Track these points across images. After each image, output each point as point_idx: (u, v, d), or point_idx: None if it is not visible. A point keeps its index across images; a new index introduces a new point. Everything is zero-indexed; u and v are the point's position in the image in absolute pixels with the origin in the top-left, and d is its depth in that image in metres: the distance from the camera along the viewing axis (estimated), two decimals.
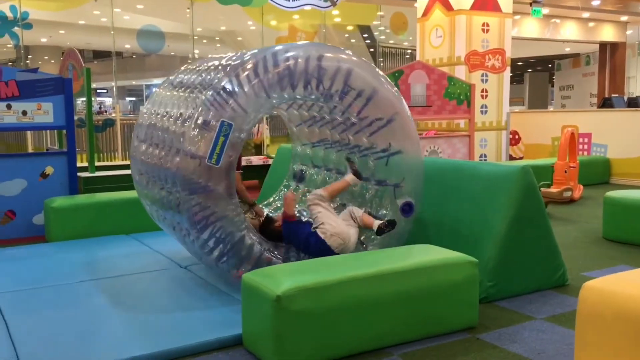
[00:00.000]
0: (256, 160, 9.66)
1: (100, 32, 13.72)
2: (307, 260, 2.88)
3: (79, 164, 5.61)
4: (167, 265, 3.89)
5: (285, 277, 2.49)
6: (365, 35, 15.17)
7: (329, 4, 9.11)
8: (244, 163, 9.26)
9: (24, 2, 7.81)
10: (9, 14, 7.62)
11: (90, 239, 4.73)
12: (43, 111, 5.23)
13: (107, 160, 10.07)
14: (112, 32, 9.53)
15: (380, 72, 3.32)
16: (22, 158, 5.38)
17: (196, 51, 14.13)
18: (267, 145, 11.23)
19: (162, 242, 4.48)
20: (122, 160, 10.03)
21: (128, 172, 7.48)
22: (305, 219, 3.58)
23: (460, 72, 8.29)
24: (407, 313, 2.65)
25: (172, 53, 22.75)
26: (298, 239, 3.32)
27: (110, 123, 7.53)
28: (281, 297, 2.34)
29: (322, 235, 3.21)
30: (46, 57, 19.30)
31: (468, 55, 8.41)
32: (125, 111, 28.42)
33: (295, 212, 3.56)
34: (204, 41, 17.22)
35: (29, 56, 13.80)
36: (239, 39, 16.24)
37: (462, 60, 8.38)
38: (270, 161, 9.36)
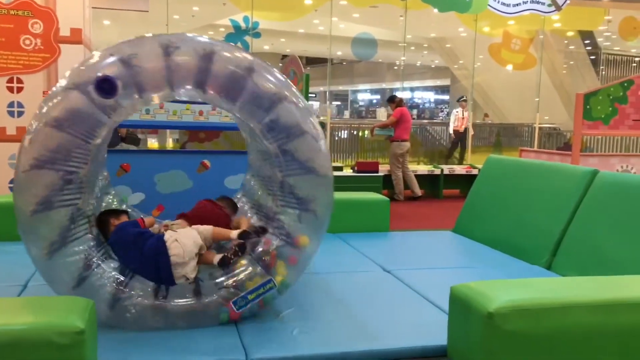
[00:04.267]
0: (459, 169, 9.49)
1: (316, 40, 14.60)
2: (527, 279, 2.71)
3: None
4: (371, 267, 3.97)
5: (500, 292, 2.38)
6: (587, 42, 14.02)
7: (553, 8, 8.59)
8: (446, 172, 9.17)
9: (255, 13, 8.60)
10: (242, 24, 8.46)
11: None
12: None
13: None
14: (330, 40, 10.05)
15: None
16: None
17: (403, 58, 14.31)
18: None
19: (366, 244, 4.59)
20: (334, 161, 10.57)
21: (336, 173, 7.87)
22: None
23: None
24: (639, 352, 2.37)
25: (380, 60, 23.37)
26: (128, 239, 2.80)
27: (320, 126, 7.92)
28: (494, 315, 2.25)
29: (165, 235, 2.79)
30: (268, 63, 21.10)
31: None
32: (332, 115, 29.81)
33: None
34: (412, 48, 17.40)
35: None
36: (448, 45, 16.09)
37: None
38: (474, 171, 9.13)
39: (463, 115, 12.18)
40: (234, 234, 2.95)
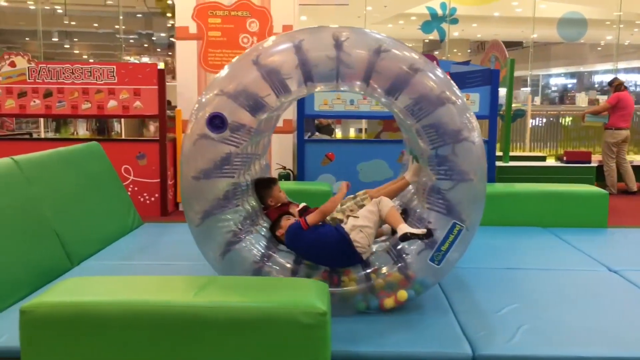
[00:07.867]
0: None
1: (511, 23, 13.87)
2: None
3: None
4: (593, 266, 3.67)
5: None
6: None
7: None
8: None
9: None
10: (439, 11, 8.31)
11: (505, 227, 4.78)
12: (470, 101, 5.56)
13: (516, 151, 10.16)
14: (533, 22, 9.50)
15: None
16: None
17: (609, 37, 12.99)
18: None
19: (583, 240, 4.25)
20: (530, 151, 9.98)
21: (539, 163, 7.42)
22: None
23: None
24: None
25: (582, 41, 21.44)
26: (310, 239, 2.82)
27: (520, 114, 7.53)
28: None
29: (347, 225, 2.79)
30: (455, 50, 20.59)
31: None
32: (522, 102, 28.28)
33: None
34: (621, 26, 15.72)
35: (439, 49, 14.93)
36: None
37: None
38: None
39: None
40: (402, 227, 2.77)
